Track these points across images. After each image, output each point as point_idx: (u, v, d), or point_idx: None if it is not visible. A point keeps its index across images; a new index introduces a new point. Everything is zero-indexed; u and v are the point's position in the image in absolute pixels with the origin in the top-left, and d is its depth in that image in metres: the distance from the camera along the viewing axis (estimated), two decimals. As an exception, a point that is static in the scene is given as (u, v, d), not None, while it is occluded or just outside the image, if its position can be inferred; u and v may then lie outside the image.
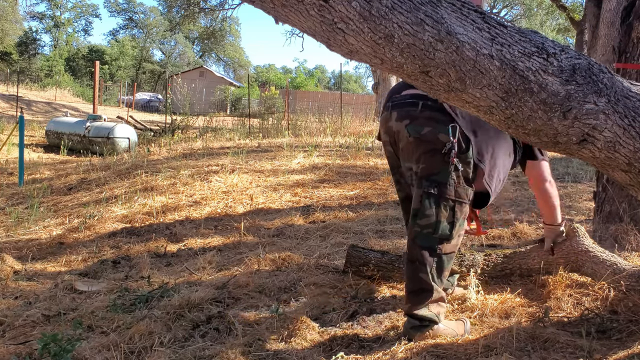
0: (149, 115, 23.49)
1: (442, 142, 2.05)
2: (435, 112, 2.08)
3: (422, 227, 2.12)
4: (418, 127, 2.10)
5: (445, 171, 2.07)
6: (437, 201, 2.09)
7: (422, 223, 2.11)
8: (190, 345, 2.15)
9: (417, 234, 2.13)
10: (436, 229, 2.10)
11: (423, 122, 2.10)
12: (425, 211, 2.10)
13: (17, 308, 2.62)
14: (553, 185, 2.39)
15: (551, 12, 24.03)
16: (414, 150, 2.13)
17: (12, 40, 39.85)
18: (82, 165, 8.05)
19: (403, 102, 2.18)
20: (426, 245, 2.11)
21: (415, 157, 2.13)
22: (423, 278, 2.11)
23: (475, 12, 1.42)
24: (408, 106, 2.15)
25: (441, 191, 2.08)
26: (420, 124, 2.10)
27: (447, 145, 2.04)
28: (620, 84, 1.50)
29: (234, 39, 50.31)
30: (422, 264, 2.11)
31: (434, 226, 2.10)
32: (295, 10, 1.38)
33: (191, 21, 29.20)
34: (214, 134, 12.40)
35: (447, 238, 2.11)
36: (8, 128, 13.60)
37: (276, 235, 3.97)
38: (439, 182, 2.08)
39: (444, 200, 2.09)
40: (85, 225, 4.44)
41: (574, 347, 1.98)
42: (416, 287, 2.13)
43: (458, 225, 2.12)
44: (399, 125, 2.16)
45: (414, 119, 2.12)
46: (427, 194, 2.10)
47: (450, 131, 2.04)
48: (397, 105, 2.20)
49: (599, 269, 2.39)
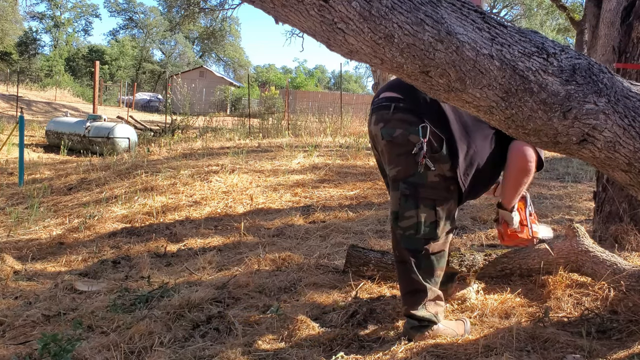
0: (149, 115, 23.49)
1: (413, 143, 2.04)
2: (407, 113, 2.07)
3: (404, 230, 2.11)
4: (390, 129, 2.09)
5: (418, 172, 2.05)
6: (416, 202, 2.08)
7: (404, 225, 2.11)
8: (190, 345, 2.15)
9: (400, 237, 2.13)
10: (418, 230, 2.09)
11: (395, 124, 2.09)
12: (405, 213, 2.10)
13: (17, 308, 2.62)
14: (532, 170, 2.17)
15: (551, 12, 24.03)
16: (389, 154, 2.13)
17: (12, 40, 39.88)
18: (82, 165, 8.05)
19: (379, 105, 2.17)
20: (411, 247, 2.11)
21: (390, 160, 2.13)
22: (414, 279, 2.10)
23: (475, 12, 1.42)
24: (382, 109, 2.14)
25: (418, 192, 2.07)
26: (392, 126, 2.09)
27: (416, 146, 2.03)
28: (620, 84, 1.50)
29: (234, 39, 50.35)
30: (411, 265, 2.10)
31: (416, 227, 2.09)
32: (295, 10, 1.38)
33: (191, 21, 29.19)
34: (214, 134, 12.40)
35: (432, 238, 2.10)
36: (8, 128, 13.61)
37: (276, 235, 3.97)
38: (415, 184, 2.07)
39: (422, 202, 2.07)
40: (85, 225, 4.44)
41: (574, 347, 1.98)
42: (410, 288, 2.12)
43: (443, 224, 2.10)
44: (376, 129, 2.16)
45: (387, 122, 2.11)
46: (405, 196, 2.09)
47: (420, 131, 2.03)
48: (374, 108, 2.20)
49: (599, 269, 2.39)
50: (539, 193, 5.13)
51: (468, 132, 2.10)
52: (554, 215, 4.26)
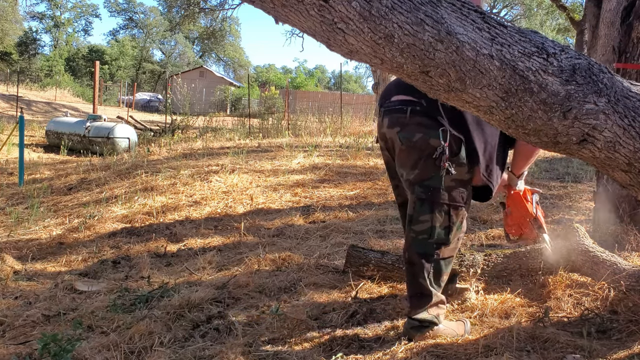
0: (149, 115, 23.49)
1: (434, 147, 2.03)
2: (424, 117, 2.06)
3: (417, 233, 2.11)
4: (409, 134, 2.08)
5: (437, 176, 2.04)
6: (431, 207, 2.07)
7: (417, 229, 2.10)
8: (190, 345, 2.15)
9: (412, 240, 2.13)
10: (431, 235, 2.08)
11: (413, 128, 2.07)
12: (420, 217, 2.09)
13: (17, 308, 2.62)
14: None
15: (551, 12, 24.03)
16: (407, 158, 2.12)
17: (12, 40, 39.90)
18: (82, 165, 8.05)
19: (393, 108, 2.15)
20: (422, 251, 2.10)
21: (410, 164, 2.12)
22: (422, 283, 2.10)
23: (475, 12, 1.42)
24: (397, 112, 2.13)
25: (434, 196, 2.07)
26: (410, 130, 2.08)
27: (437, 150, 2.02)
28: (620, 84, 1.50)
29: (234, 39, 50.34)
30: (420, 269, 2.10)
31: (429, 232, 2.08)
32: (295, 10, 1.38)
33: (191, 21, 29.19)
34: (214, 134, 12.40)
35: (444, 242, 2.10)
36: (8, 128, 13.61)
37: (276, 235, 3.97)
38: (432, 188, 2.06)
39: (437, 206, 2.07)
40: (85, 225, 4.44)
41: (574, 347, 1.98)
42: (416, 291, 2.13)
43: (455, 229, 2.11)
44: (392, 133, 2.15)
45: (404, 126, 2.10)
46: (420, 200, 2.09)
47: (440, 135, 2.02)
48: (387, 111, 2.18)
49: (599, 269, 2.39)
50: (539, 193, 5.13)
51: (482, 127, 2.10)
52: (554, 215, 4.26)
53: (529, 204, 2.33)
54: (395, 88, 2.21)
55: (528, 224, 2.32)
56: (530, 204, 2.33)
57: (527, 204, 2.32)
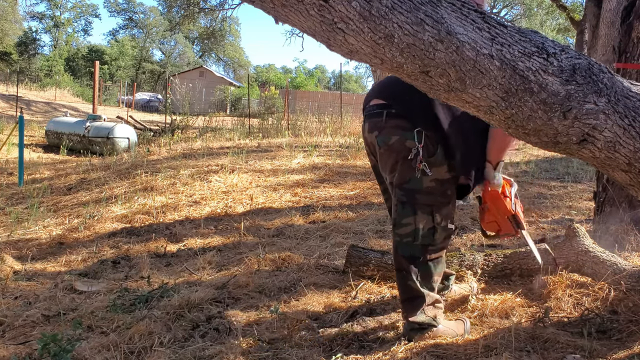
0: (148, 115, 23.48)
1: (409, 149, 2.02)
2: (399, 119, 2.06)
3: (401, 237, 2.10)
4: (386, 137, 2.08)
5: (415, 178, 2.04)
6: (413, 209, 2.06)
7: (401, 232, 2.09)
8: (190, 345, 2.15)
9: (398, 244, 2.12)
10: (416, 237, 2.07)
11: (390, 131, 2.07)
12: (402, 220, 2.08)
13: (17, 308, 2.61)
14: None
15: (551, 12, 24.05)
16: (387, 161, 2.12)
17: (12, 40, 39.91)
18: (82, 165, 8.05)
19: (372, 112, 2.16)
20: (408, 255, 2.09)
21: (389, 167, 2.12)
22: (412, 286, 2.09)
23: (475, 12, 1.42)
24: (375, 117, 2.13)
25: (414, 198, 2.06)
26: (387, 133, 2.08)
27: (412, 151, 2.01)
28: (621, 84, 1.49)
29: (233, 39, 50.34)
30: (408, 273, 2.09)
31: (413, 234, 2.07)
32: (295, 10, 1.38)
33: (191, 21, 29.22)
34: (214, 134, 12.39)
35: (430, 244, 2.09)
36: (8, 128, 13.60)
37: (276, 235, 3.97)
38: (411, 190, 2.06)
39: (419, 207, 2.06)
40: (85, 225, 4.44)
41: (574, 347, 1.98)
42: (408, 295, 2.11)
43: (441, 230, 2.09)
44: (372, 137, 2.16)
45: (381, 130, 2.10)
46: (401, 203, 2.08)
47: (415, 136, 2.01)
48: (367, 116, 2.19)
49: (599, 269, 2.39)
50: (539, 193, 5.14)
51: (460, 123, 2.06)
52: (554, 215, 4.27)
53: (508, 201, 2.24)
54: (373, 92, 2.21)
55: (506, 221, 2.25)
56: (508, 199, 2.25)
57: (505, 200, 2.24)
